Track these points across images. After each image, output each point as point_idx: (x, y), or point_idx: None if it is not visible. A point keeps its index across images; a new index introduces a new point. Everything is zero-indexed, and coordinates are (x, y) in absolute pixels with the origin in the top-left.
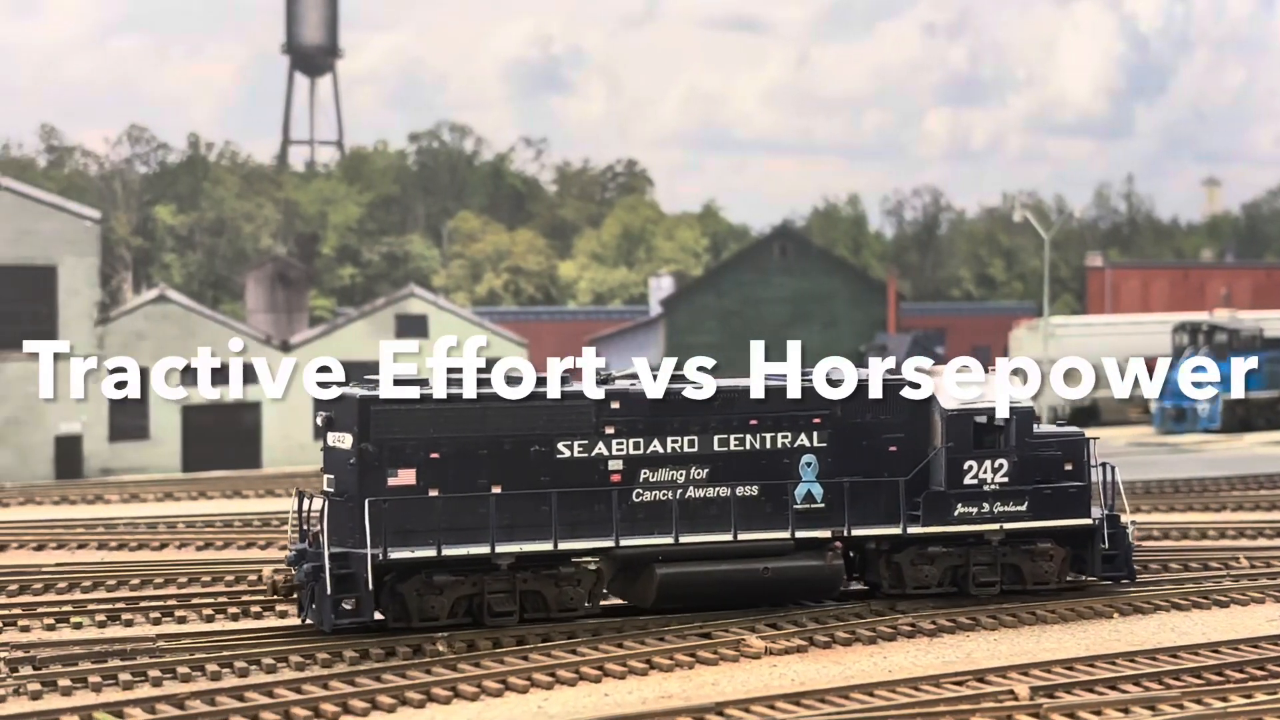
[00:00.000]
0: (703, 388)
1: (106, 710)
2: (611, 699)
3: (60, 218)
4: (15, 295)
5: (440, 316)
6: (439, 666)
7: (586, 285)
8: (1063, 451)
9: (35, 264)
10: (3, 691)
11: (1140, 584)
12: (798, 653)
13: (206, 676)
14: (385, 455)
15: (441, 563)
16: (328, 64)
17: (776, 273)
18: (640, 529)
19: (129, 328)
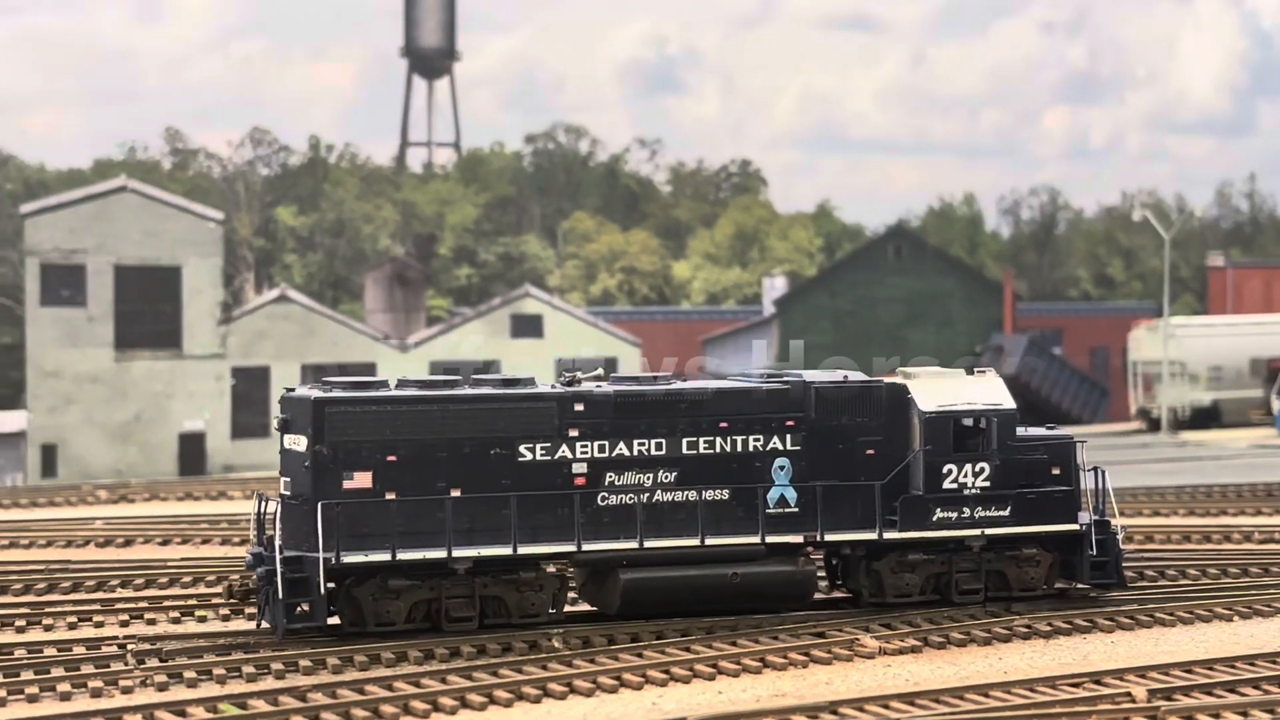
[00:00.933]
0: (669, 389)
1: (231, 702)
2: (725, 696)
3: (184, 219)
4: (141, 295)
5: (555, 316)
6: (554, 663)
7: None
8: (1049, 455)
9: (161, 265)
10: (130, 683)
11: (1261, 586)
12: (912, 653)
13: (329, 670)
14: (340, 457)
15: (397, 567)
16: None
17: (891, 273)
18: (605, 533)
19: (251, 327)
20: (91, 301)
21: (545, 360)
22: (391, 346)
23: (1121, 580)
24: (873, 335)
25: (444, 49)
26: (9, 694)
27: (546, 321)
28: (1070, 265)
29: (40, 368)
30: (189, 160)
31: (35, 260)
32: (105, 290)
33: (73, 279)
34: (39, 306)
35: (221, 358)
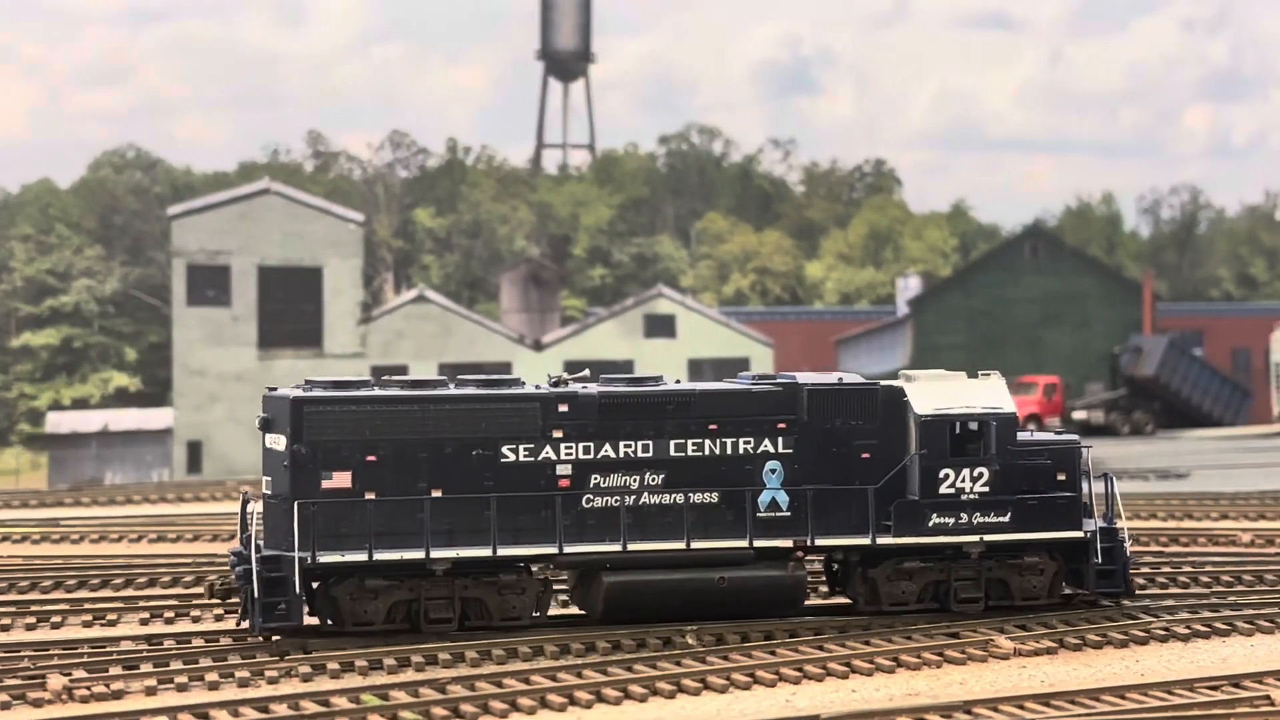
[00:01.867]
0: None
1: (373, 692)
2: (859, 695)
3: (326, 221)
4: (284, 295)
5: (688, 317)
6: (688, 659)
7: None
8: (1053, 460)
9: (303, 265)
10: (275, 673)
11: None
12: (1047, 654)
13: (467, 664)
14: (319, 457)
15: (374, 567)
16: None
17: (1027, 272)
18: (589, 536)
19: (389, 327)
20: (236, 301)
21: (678, 360)
22: (526, 346)
23: (1128, 589)
24: (1008, 336)
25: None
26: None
27: (679, 322)
28: (1211, 265)
29: (186, 366)
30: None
31: (182, 261)
32: (249, 290)
33: (218, 279)
34: (185, 306)
35: (361, 357)
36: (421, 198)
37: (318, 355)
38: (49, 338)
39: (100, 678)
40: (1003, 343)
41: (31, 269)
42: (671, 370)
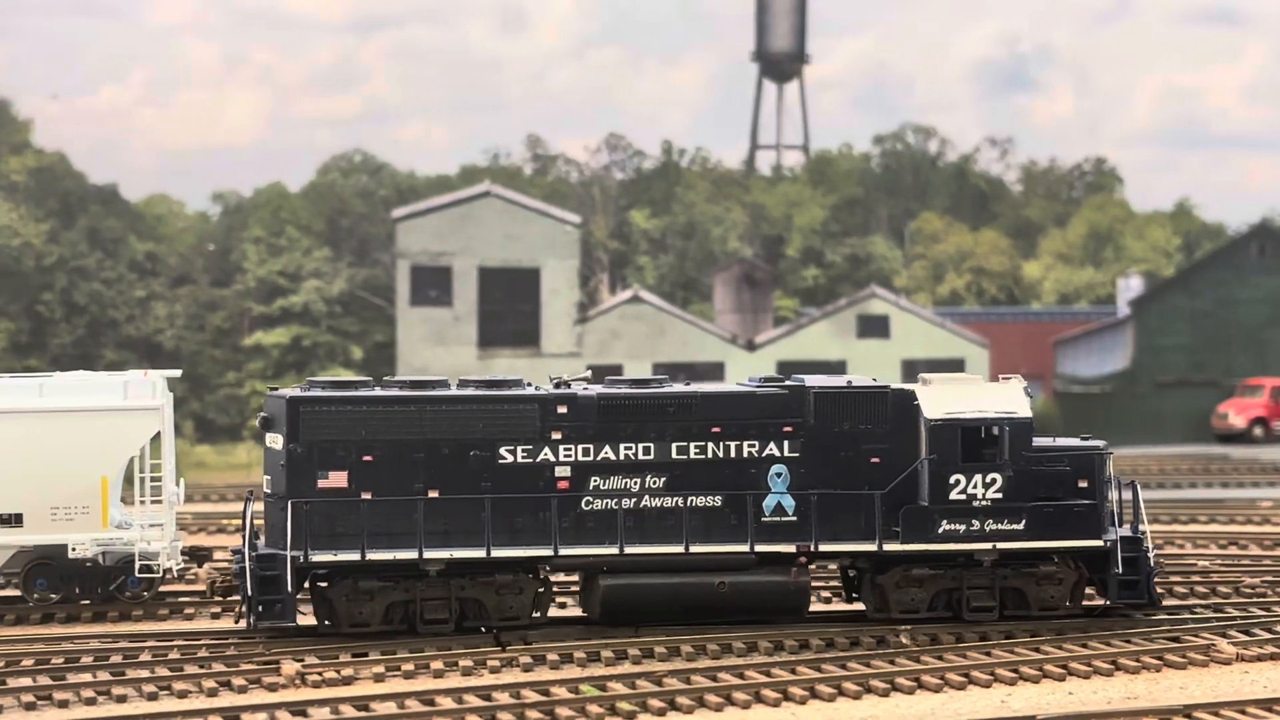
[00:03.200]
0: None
1: (591, 683)
2: (1076, 697)
3: (544, 223)
4: (502, 296)
5: (901, 317)
6: (902, 658)
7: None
8: (1073, 467)
9: (521, 266)
10: (497, 662)
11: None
12: (1271, 660)
13: (682, 658)
14: (315, 457)
15: (369, 568)
16: (795, 70)
17: (1254, 272)
18: (588, 538)
19: (605, 327)
20: (457, 301)
21: (891, 361)
22: (739, 347)
23: (1153, 599)
24: (1233, 337)
25: (794, 52)
26: (386, 670)
27: (893, 322)
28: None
29: (409, 364)
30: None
31: (405, 263)
32: (470, 291)
33: (440, 280)
34: (409, 307)
35: (577, 356)
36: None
37: (535, 355)
38: (279, 336)
39: (331, 664)
40: (1227, 344)
41: (263, 270)
42: (885, 372)
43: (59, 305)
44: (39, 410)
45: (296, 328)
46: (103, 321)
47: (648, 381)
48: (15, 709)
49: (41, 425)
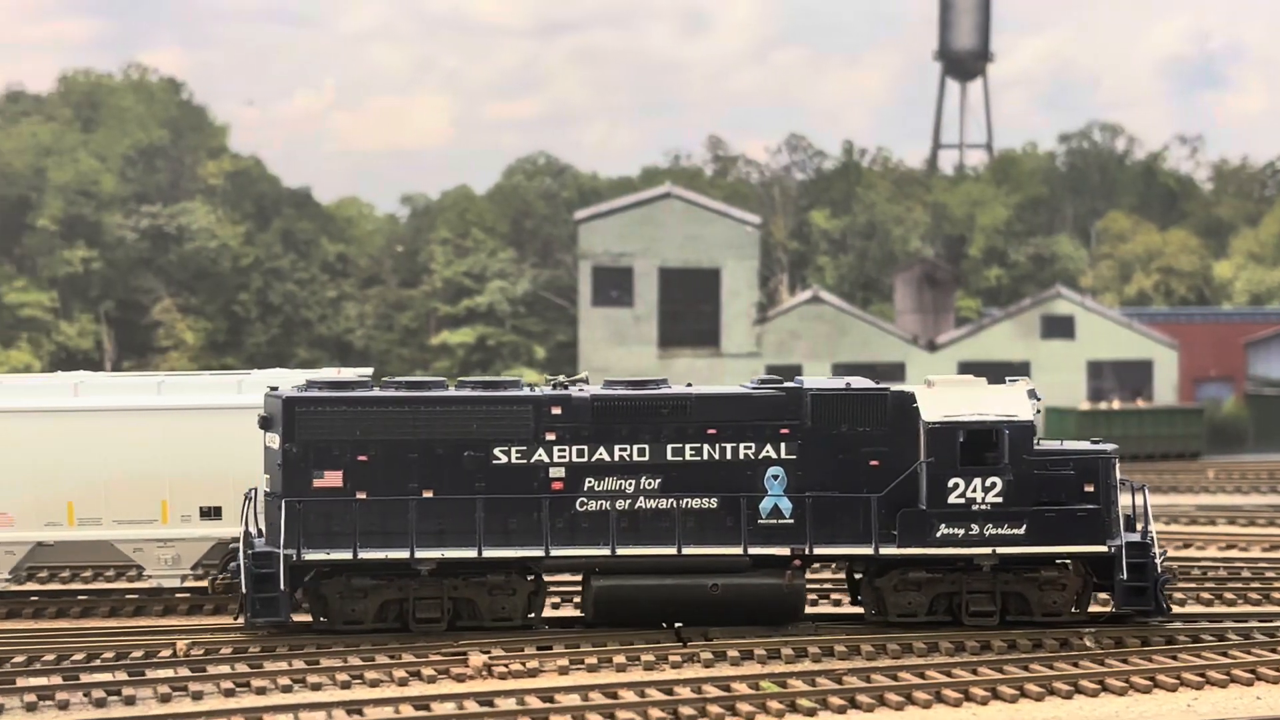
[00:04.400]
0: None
1: (772, 680)
2: (1264, 702)
3: (724, 224)
4: (683, 296)
5: (1087, 318)
6: (1086, 660)
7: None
8: (1077, 471)
9: (701, 267)
10: (679, 658)
11: None
12: None
13: (862, 657)
14: (311, 456)
15: (363, 566)
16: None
17: None
18: (582, 539)
19: (784, 327)
20: (638, 302)
21: (1077, 362)
22: (920, 347)
23: (1159, 606)
24: None
25: (978, 51)
26: (570, 663)
27: (1078, 322)
28: None
29: (591, 364)
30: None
31: (588, 263)
32: (650, 291)
33: (621, 280)
34: (590, 307)
35: (756, 357)
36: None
37: (715, 355)
38: (465, 336)
39: (516, 656)
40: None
41: (449, 271)
42: (1070, 373)
43: (254, 305)
44: (236, 407)
45: (481, 327)
46: (296, 321)
47: (645, 383)
48: (274, 691)
49: (239, 421)
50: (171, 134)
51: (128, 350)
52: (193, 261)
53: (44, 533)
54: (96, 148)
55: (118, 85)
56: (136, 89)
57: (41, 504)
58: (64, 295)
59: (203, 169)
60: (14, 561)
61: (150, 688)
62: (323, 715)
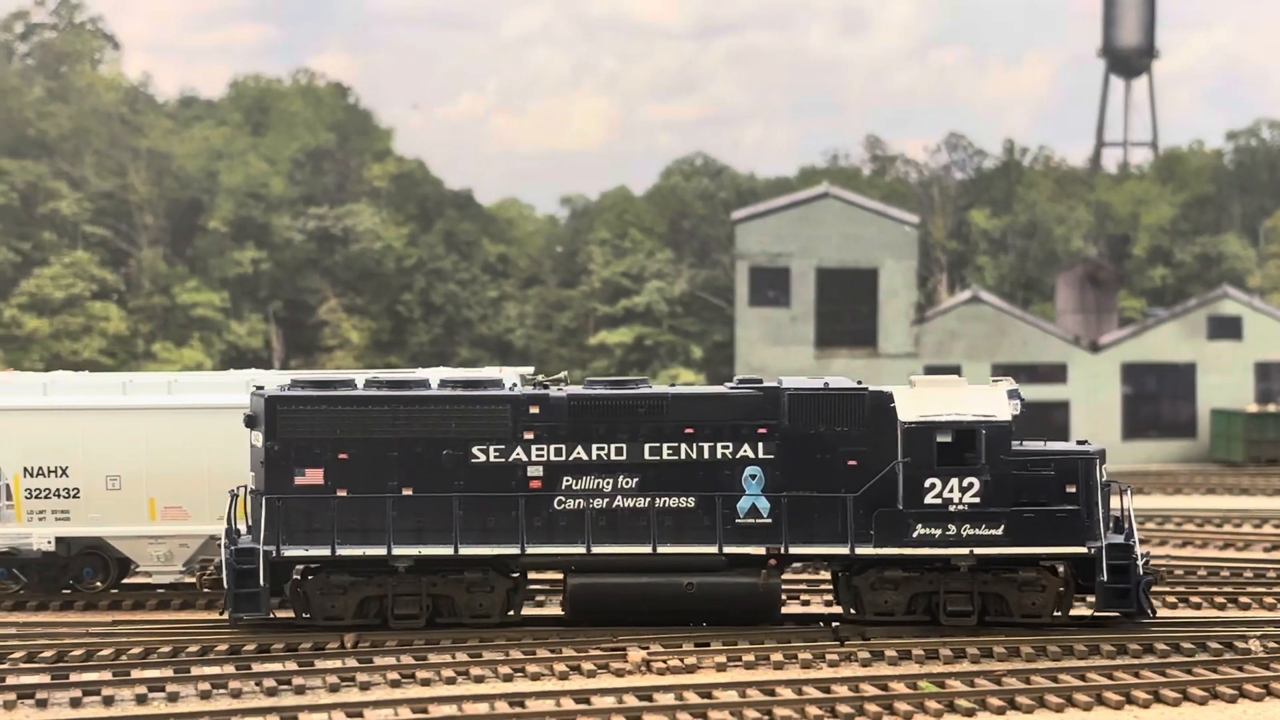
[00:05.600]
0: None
1: (930, 680)
2: None
3: (882, 224)
4: (840, 296)
5: (1255, 318)
6: (1250, 664)
7: None
8: (1058, 471)
9: (859, 267)
10: (836, 656)
11: None
12: None
13: (1022, 658)
14: (292, 454)
15: (341, 563)
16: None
17: None
18: (560, 537)
19: (943, 327)
20: (795, 302)
21: (1244, 363)
22: (1082, 348)
23: (1141, 609)
24: None
25: (1143, 47)
26: (729, 660)
27: (1246, 323)
28: None
29: (747, 364)
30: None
31: (745, 264)
32: (807, 291)
33: (778, 281)
34: (747, 307)
35: (914, 357)
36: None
37: (872, 355)
38: (623, 336)
39: (674, 652)
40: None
41: (608, 271)
42: (1237, 374)
43: (417, 305)
44: None
45: (639, 327)
46: (457, 321)
47: (625, 383)
48: (321, 690)
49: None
50: (338, 137)
51: (295, 349)
52: (358, 262)
53: (215, 526)
54: (266, 151)
55: (286, 90)
56: (305, 94)
57: (214, 499)
58: (234, 295)
59: (368, 172)
60: (188, 554)
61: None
62: (485, 707)
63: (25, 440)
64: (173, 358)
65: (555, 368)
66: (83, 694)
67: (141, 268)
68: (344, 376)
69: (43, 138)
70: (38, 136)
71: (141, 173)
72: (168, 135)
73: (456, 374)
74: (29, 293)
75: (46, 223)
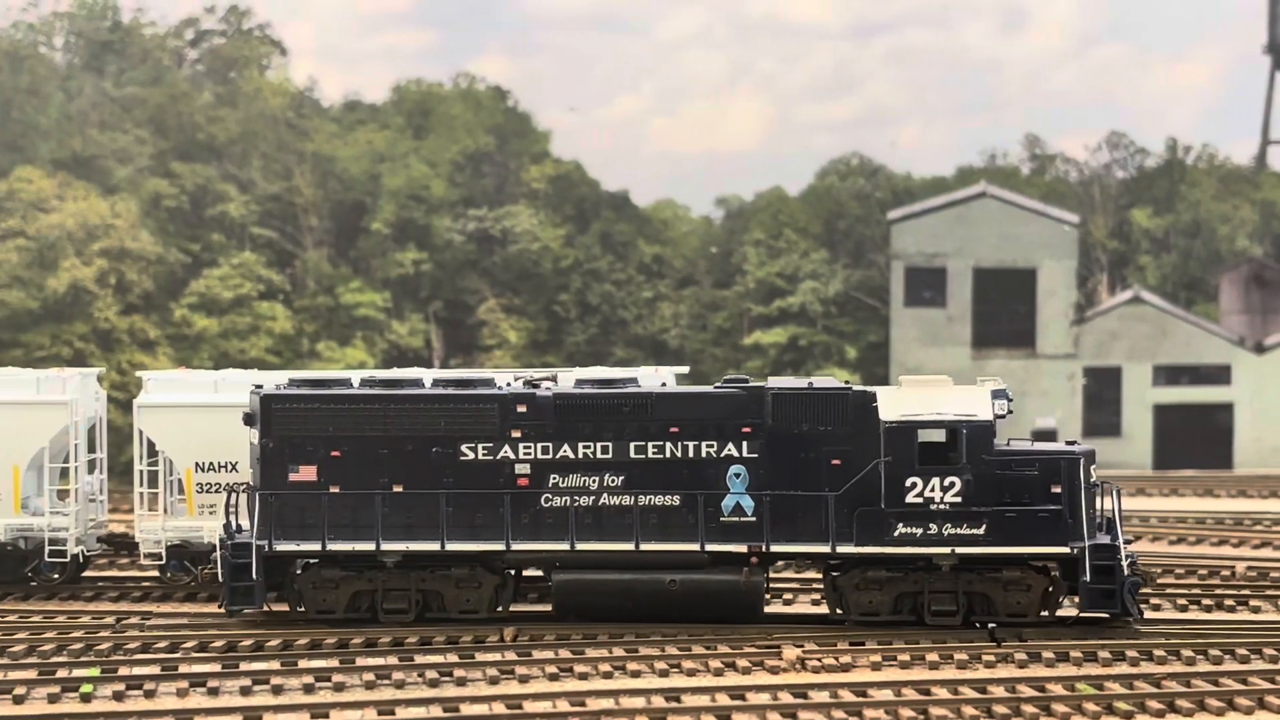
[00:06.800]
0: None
1: (1088, 682)
2: None
3: (1040, 223)
4: (997, 297)
5: None
6: None
7: None
8: (1041, 471)
9: (1016, 267)
10: (992, 658)
11: None
12: None
13: (1181, 661)
14: (286, 451)
15: (333, 558)
16: None
17: None
18: (547, 534)
19: (1103, 328)
20: (951, 302)
21: None
22: (1246, 349)
23: (1125, 609)
24: None
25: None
26: (883, 659)
27: None
28: None
29: (902, 365)
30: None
31: (900, 264)
32: (964, 291)
33: (934, 281)
34: (903, 307)
35: (1074, 358)
36: (1138, 198)
37: (1030, 356)
38: (777, 336)
39: (829, 651)
40: None
41: (762, 272)
42: None
43: (574, 305)
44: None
45: (794, 328)
46: (613, 321)
47: (613, 382)
48: (595, 677)
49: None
50: (497, 140)
51: (454, 349)
52: (516, 263)
53: None
54: (427, 154)
55: (447, 94)
56: (465, 97)
57: None
58: (396, 295)
59: (526, 174)
60: None
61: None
62: (642, 701)
63: (197, 436)
64: (336, 357)
65: (710, 368)
66: (252, 683)
67: (306, 268)
68: (341, 376)
69: (212, 142)
70: (207, 141)
71: (307, 176)
72: (332, 139)
73: (449, 374)
74: (198, 293)
75: (215, 225)
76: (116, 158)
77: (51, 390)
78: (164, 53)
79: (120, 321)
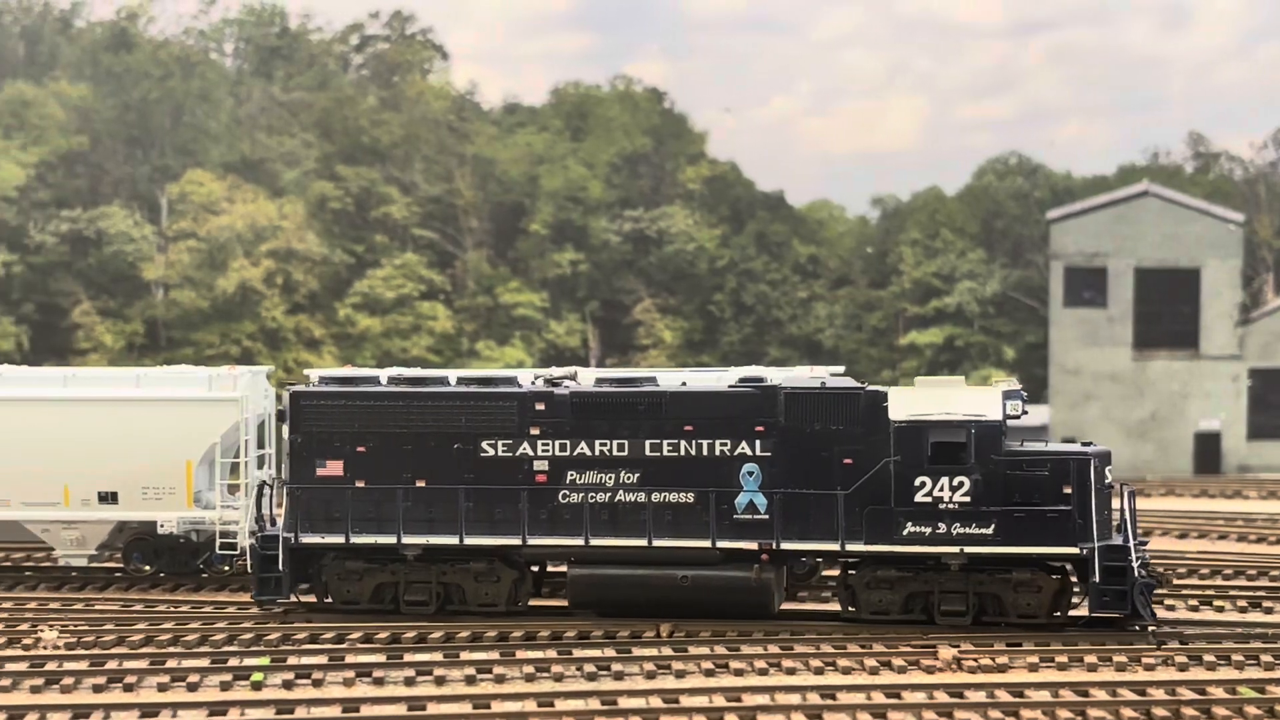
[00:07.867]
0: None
1: (1250, 685)
2: None
3: (1204, 222)
4: (1159, 296)
5: None
6: None
7: None
8: (1052, 472)
9: (1179, 266)
10: (1152, 660)
11: None
12: None
13: None
14: (314, 446)
15: (356, 550)
16: None
17: None
18: (563, 530)
19: (1269, 329)
20: (1111, 302)
21: None
22: None
23: (1135, 611)
24: None
25: None
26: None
27: None
28: None
29: (1062, 365)
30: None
31: (1060, 264)
32: (1125, 291)
33: (1094, 281)
34: (1062, 308)
35: (1238, 359)
36: None
37: (1194, 357)
38: (933, 336)
39: (985, 651)
40: None
41: (919, 272)
42: None
43: (729, 305)
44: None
45: (950, 328)
46: (767, 321)
47: (631, 380)
48: (750, 673)
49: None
50: (654, 142)
51: (610, 348)
52: (671, 263)
53: None
54: (585, 156)
55: (605, 96)
56: (622, 99)
57: None
58: (554, 295)
59: (682, 175)
60: None
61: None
62: (797, 698)
63: None
64: (495, 356)
65: (865, 368)
66: (416, 674)
67: (467, 269)
68: (370, 373)
69: (376, 145)
70: (371, 144)
71: (467, 178)
72: (492, 142)
73: (473, 374)
74: (362, 293)
75: (379, 226)
76: (284, 161)
77: (223, 388)
78: (330, 58)
79: (287, 320)
